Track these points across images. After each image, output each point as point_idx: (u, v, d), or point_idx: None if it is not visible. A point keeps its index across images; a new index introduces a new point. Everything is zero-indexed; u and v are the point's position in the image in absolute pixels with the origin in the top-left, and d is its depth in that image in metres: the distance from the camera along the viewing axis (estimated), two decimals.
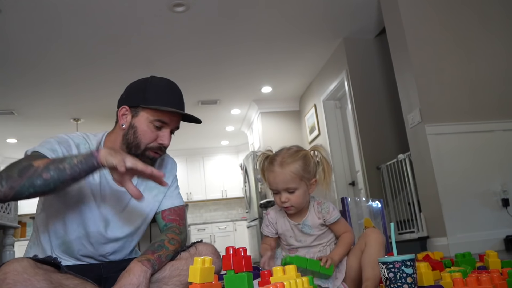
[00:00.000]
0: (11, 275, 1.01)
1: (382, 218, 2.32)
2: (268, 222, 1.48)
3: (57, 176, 1.01)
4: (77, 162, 1.02)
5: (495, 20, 3.74)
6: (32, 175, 1.00)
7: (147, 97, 1.29)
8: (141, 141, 1.30)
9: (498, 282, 1.02)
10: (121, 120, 1.32)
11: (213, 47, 4.63)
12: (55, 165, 1.01)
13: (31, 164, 1.02)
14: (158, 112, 1.29)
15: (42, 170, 1.00)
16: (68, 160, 1.02)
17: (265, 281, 0.99)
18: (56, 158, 1.06)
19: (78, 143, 1.30)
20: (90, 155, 1.04)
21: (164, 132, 1.32)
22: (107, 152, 1.05)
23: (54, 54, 4.45)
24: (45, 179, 1.00)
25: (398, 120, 4.20)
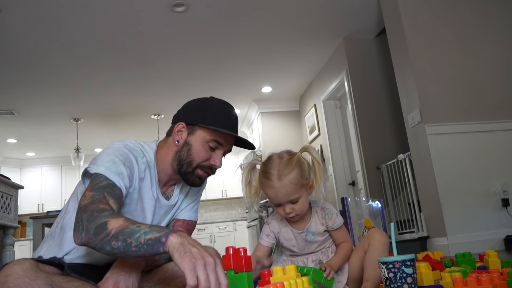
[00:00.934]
0: (12, 278, 1.01)
1: (382, 218, 2.32)
2: (269, 232, 1.43)
3: (123, 248, 0.98)
4: (143, 242, 0.96)
5: (495, 20, 3.74)
6: (104, 238, 0.99)
7: (206, 117, 1.28)
8: (194, 159, 1.29)
9: (498, 282, 1.02)
10: (176, 136, 1.32)
11: (213, 47, 4.63)
12: (124, 237, 0.97)
13: (107, 224, 1.00)
14: (215, 133, 1.28)
15: (113, 237, 0.98)
16: (136, 236, 0.96)
17: (265, 281, 0.99)
18: (128, 225, 0.99)
19: (136, 156, 1.27)
20: (158, 240, 0.94)
21: (218, 153, 1.32)
22: (176, 249, 0.92)
23: (54, 54, 4.45)
24: (112, 247, 0.99)
25: (398, 120, 4.19)
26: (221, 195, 8.62)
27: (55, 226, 1.35)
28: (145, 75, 5.22)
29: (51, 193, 8.10)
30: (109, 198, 1.11)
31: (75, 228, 1.06)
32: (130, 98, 5.90)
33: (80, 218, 1.05)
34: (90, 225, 1.01)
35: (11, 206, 3.62)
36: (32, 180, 8.14)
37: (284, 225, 1.42)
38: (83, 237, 1.02)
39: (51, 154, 8.10)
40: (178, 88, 5.68)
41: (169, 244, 0.92)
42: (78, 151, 6.55)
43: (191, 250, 0.90)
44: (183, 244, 0.92)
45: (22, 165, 8.22)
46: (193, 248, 0.90)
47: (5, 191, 3.54)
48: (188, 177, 1.32)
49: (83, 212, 1.06)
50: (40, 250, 1.31)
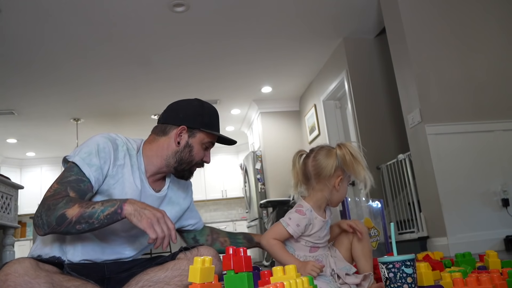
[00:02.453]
0: (12, 277, 1.02)
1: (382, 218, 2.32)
2: (301, 222, 1.38)
3: (88, 227, 1.17)
4: (103, 218, 1.16)
5: (495, 20, 3.74)
6: (68, 225, 1.16)
7: (205, 121, 1.47)
8: (194, 159, 1.46)
9: (498, 282, 1.02)
10: (177, 138, 1.45)
11: (213, 47, 4.63)
12: (85, 219, 1.16)
13: (65, 214, 1.16)
14: (211, 135, 1.48)
15: (75, 223, 1.15)
16: (95, 215, 1.16)
17: (265, 281, 0.99)
18: (85, 210, 1.16)
19: (118, 145, 1.39)
20: (115, 213, 1.16)
21: (208, 151, 1.51)
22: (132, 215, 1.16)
23: (54, 54, 4.45)
24: (78, 230, 1.17)
25: (398, 120, 4.19)
26: (221, 195, 8.62)
27: None
28: (145, 75, 5.22)
29: None
30: (70, 192, 1.23)
31: (36, 223, 1.19)
32: (130, 98, 5.90)
33: (39, 213, 1.19)
34: (50, 218, 1.16)
35: (11, 206, 3.62)
36: (32, 180, 8.13)
37: (315, 216, 1.43)
38: (46, 229, 1.17)
39: (51, 154, 8.10)
40: (178, 88, 5.68)
41: (125, 213, 1.16)
42: None
43: (145, 213, 1.16)
44: (136, 210, 1.16)
45: (22, 165, 8.22)
46: (145, 211, 1.17)
47: (5, 191, 3.54)
48: (184, 173, 1.48)
49: (42, 207, 1.20)
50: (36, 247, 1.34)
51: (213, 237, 1.67)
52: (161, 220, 1.16)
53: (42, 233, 1.19)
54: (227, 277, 0.97)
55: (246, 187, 6.95)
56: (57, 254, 1.29)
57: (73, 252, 1.30)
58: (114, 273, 1.32)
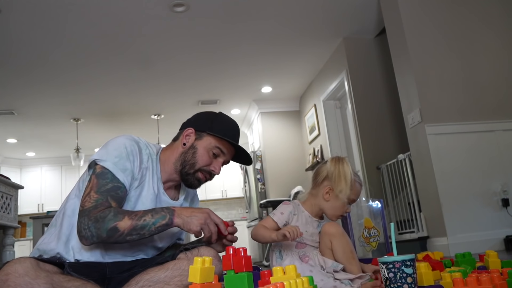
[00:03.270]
0: (12, 277, 1.02)
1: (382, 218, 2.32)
2: (285, 210, 1.48)
3: (138, 238, 1.23)
4: (154, 229, 1.23)
5: (495, 20, 3.74)
6: (119, 237, 1.20)
7: (214, 126, 1.44)
8: (197, 162, 1.42)
9: (498, 282, 1.02)
10: (184, 139, 1.46)
11: (213, 47, 4.63)
12: (137, 231, 1.22)
13: (117, 228, 1.20)
14: (220, 141, 1.43)
15: (126, 235, 1.21)
16: (147, 228, 1.22)
17: (265, 281, 0.99)
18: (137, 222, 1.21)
19: (141, 148, 1.40)
20: (166, 225, 1.24)
21: (218, 161, 1.45)
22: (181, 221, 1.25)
23: (54, 54, 4.45)
24: (127, 240, 1.22)
25: (398, 120, 4.19)
26: (221, 195, 8.62)
27: (56, 215, 1.39)
28: (145, 75, 5.22)
29: (51, 193, 8.10)
30: (111, 202, 1.25)
31: (82, 234, 1.21)
32: (130, 98, 5.90)
33: (86, 225, 1.20)
34: (100, 231, 1.20)
35: (11, 206, 3.62)
36: (32, 180, 8.13)
37: (301, 210, 1.50)
38: (94, 240, 1.21)
39: (51, 154, 8.10)
40: (178, 88, 5.68)
41: (176, 225, 1.25)
42: (78, 151, 6.56)
43: (192, 221, 1.25)
44: (185, 220, 1.25)
45: (22, 165, 8.22)
46: (192, 218, 1.25)
47: (5, 191, 3.54)
48: (189, 178, 1.43)
49: (88, 219, 1.21)
50: (43, 240, 1.33)
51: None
52: (207, 220, 1.26)
53: (88, 243, 1.22)
54: (227, 277, 0.97)
55: (246, 187, 6.95)
56: (62, 251, 1.28)
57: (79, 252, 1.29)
58: (115, 273, 1.32)
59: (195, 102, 6.23)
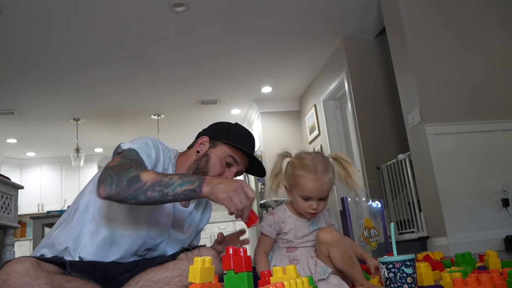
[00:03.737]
0: (12, 277, 1.02)
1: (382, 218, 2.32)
2: (272, 222, 1.42)
3: (159, 198, 1.11)
4: (180, 192, 1.12)
5: (495, 20, 3.74)
6: (139, 189, 1.10)
7: (229, 135, 1.44)
8: (209, 170, 1.41)
9: (498, 282, 1.02)
10: (198, 147, 1.45)
11: (213, 47, 4.63)
12: (160, 188, 1.10)
13: (140, 177, 1.11)
14: (234, 150, 1.42)
15: (148, 188, 1.10)
16: (172, 187, 1.11)
17: (265, 281, 0.99)
18: (162, 178, 1.12)
19: (163, 149, 1.41)
20: (193, 191, 1.12)
21: (231, 170, 1.44)
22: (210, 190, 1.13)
23: (54, 54, 4.45)
24: (148, 197, 1.10)
25: (398, 120, 4.19)
26: None
27: (68, 212, 1.40)
28: (145, 75, 5.22)
29: (51, 193, 8.10)
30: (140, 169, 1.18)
31: (102, 181, 1.13)
32: (130, 98, 5.90)
33: (108, 173, 1.14)
34: (121, 178, 1.12)
35: (11, 206, 3.62)
36: (32, 180, 8.13)
37: (288, 215, 1.43)
38: (113, 188, 1.11)
39: (51, 154, 8.09)
40: (178, 88, 5.68)
41: (204, 193, 1.13)
42: (78, 151, 6.56)
43: (220, 187, 1.12)
44: (213, 187, 1.12)
45: (22, 165, 8.22)
46: (221, 185, 1.12)
47: (5, 191, 3.54)
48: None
49: (111, 170, 1.15)
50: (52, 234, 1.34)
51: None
52: (238, 190, 1.12)
53: (105, 193, 1.13)
54: (227, 277, 0.97)
55: None
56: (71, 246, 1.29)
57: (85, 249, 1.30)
58: (117, 273, 1.33)
59: (195, 102, 6.23)
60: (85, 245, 1.30)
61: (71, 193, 7.95)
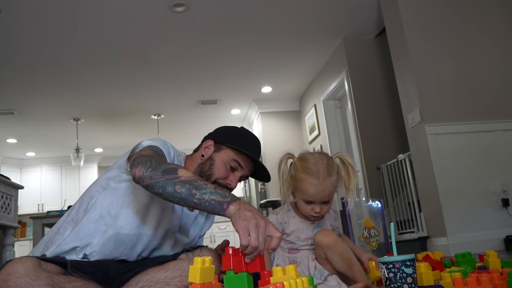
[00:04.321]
0: (13, 277, 1.02)
1: (382, 218, 2.32)
2: (276, 222, 1.42)
3: (185, 196, 1.08)
4: (207, 199, 1.06)
5: (495, 20, 3.74)
6: (171, 179, 1.09)
7: (233, 139, 1.43)
8: (213, 174, 1.40)
9: (498, 282, 1.01)
10: (203, 151, 1.45)
11: (213, 47, 4.63)
12: (191, 187, 1.08)
13: (177, 170, 1.11)
14: (238, 154, 1.41)
15: (180, 182, 1.08)
16: (202, 191, 1.07)
17: (265, 281, 0.99)
18: (197, 179, 1.11)
19: (175, 153, 1.42)
20: (220, 204, 1.06)
21: (235, 175, 1.43)
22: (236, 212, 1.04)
23: (54, 54, 4.45)
24: (175, 190, 1.08)
25: (398, 120, 4.19)
26: None
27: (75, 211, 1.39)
28: (145, 75, 5.22)
29: (51, 193, 8.10)
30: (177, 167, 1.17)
31: (141, 163, 1.14)
32: (130, 98, 5.90)
33: (148, 159, 1.16)
34: (160, 166, 1.13)
35: (11, 206, 3.62)
36: (32, 180, 8.13)
37: (292, 215, 1.43)
38: (148, 171, 1.12)
39: (51, 154, 8.10)
40: (178, 88, 5.68)
41: (229, 212, 1.05)
42: (78, 151, 6.56)
43: (246, 214, 1.02)
44: (240, 209, 1.04)
45: (22, 165, 8.22)
46: (247, 212, 1.02)
47: (5, 191, 3.54)
48: None
49: (151, 157, 1.17)
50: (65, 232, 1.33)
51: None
52: (261, 228, 1.00)
53: (139, 174, 1.13)
54: (226, 277, 0.97)
55: (246, 187, 6.96)
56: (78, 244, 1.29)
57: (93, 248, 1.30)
58: (118, 273, 1.33)
59: (195, 102, 6.23)
60: (93, 244, 1.30)
61: (71, 193, 7.96)
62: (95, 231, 1.31)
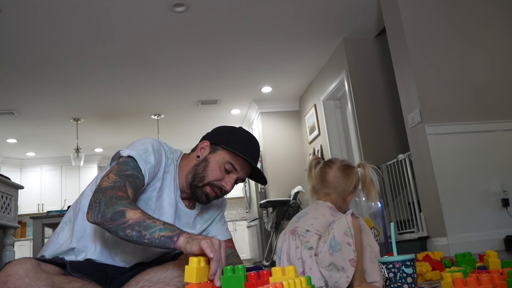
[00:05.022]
0: (12, 278, 1.02)
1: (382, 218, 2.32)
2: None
3: (136, 238, 1.08)
4: (157, 237, 1.07)
5: (495, 20, 3.74)
6: (120, 225, 1.09)
7: (230, 140, 1.38)
8: (207, 175, 1.37)
9: (498, 282, 1.01)
10: (199, 152, 1.41)
11: (213, 47, 4.63)
12: (140, 228, 1.08)
13: (125, 213, 1.10)
14: (234, 156, 1.37)
15: (129, 226, 1.08)
16: (151, 230, 1.08)
17: (264, 281, 0.99)
18: (145, 219, 1.09)
19: (166, 151, 1.39)
20: (170, 239, 1.06)
21: (231, 177, 1.38)
22: (185, 241, 1.05)
23: (54, 54, 4.45)
24: (126, 234, 1.09)
25: (398, 120, 4.19)
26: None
27: (72, 212, 1.39)
28: (145, 75, 5.22)
29: (51, 193, 8.10)
30: (128, 188, 1.19)
31: (91, 207, 1.13)
32: (130, 98, 5.90)
33: (98, 199, 1.13)
34: (108, 209, 1.10)
35: (11, 206, 3.62)
36: (32, 180, 8.13)
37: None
38: (98, 217, 1.11)
39: (51, 154, 8.10)
40: (178, 88, 5.68)
41: (179, 243, 1.04)
42: (78, 151, 6.56)
43: (198, 237, 1.03)
44: (190, 237, 1.04)
45: (22, 165, 8.22)
46: (199, 237, 1.04)
47: (5, 191, 3.54)
48: (197, 191, 1.38)
49: (102, 195, 1.14)
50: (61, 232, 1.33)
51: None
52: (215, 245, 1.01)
53: (92, 219, 1.13)
54: (223, 278, 0.97)
55: (246, 187, 6.95)
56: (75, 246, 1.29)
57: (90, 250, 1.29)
58: (118, 273, 1.33)
59: (195, 102, 6.23)
60: (89, 246, 1.29)
61: (71, 193, 7.96)
62: (91, 232, 1.30)
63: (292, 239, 1.41)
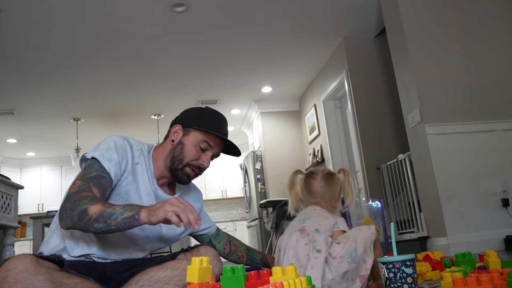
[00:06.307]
0: (12, 273, 1.03)
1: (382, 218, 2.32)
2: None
3: (105, 228, 1.15)
4: (120, 221, 1.14)
5: (495, 20, 3.74)
6: (87, 222, 1.15)
7: (200, 121, 1.46)
8: (185, 157, 1.44)
9: (498, 282, 1.01)
10: (172, 136, 1.48)
11: (213, 47, 4.63)
12: (104, 219, 1.14)
13: (87, 210, 1.15)
14: (207, 135, 1.45)
15: (94, 221, 1.14)
16: (113, 217, 1.14)
17: (265, 281, 0.99)
18: (105, 209, 1.15)
19: (132, 144, 1.42)
20: (133, 217, 1.14)
21: (207, 154, 1.47)
22: (147, 214, 1.14)
23: (54, 54, 4.45)
24: (95, 228, 1.15)
25: (398, 120, 4.19)
26: (221, 195, 8.62)
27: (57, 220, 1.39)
28: (145, 75, 5.22)
29: (51, 193, 8.10)
30: (94, 189, 1.24)
31: (61, 216, 1.20)
32: (130, 98, 5.90)
33: (64, 207, 1.20)
34: (73, 212, 1.16)
35: (11, 206, 3.62)
36: (32, 180, 8.13)
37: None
38: (68, 223, 1.17)
39: (51, 154, 8.10)
40: (178, 88, 5.68)
41: (142, 219, 1.13)
42: (78, 151, 6.55)
43: (156, 207, 1.13)
44: (149, 209, 1.13)
45: (22, 165, 8.22)
46: (160, 208, 1.12)
47: (5, 191, 3.54)
48: (178, 174, 1.45)
49: (67, 202, 1.20)
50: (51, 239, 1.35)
51: (231, 248, 1.70)
52: (174, 202, 1.12)
53: (65, 226, 1.19)
54: (223, 278, 0.97)
55: (246, 187, 6.95)
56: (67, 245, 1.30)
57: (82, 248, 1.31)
58: (115, 272, 1.33)
59: (195, 102, 6.23)
60: (81, 245, 1.31)
61: None
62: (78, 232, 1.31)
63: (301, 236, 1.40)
